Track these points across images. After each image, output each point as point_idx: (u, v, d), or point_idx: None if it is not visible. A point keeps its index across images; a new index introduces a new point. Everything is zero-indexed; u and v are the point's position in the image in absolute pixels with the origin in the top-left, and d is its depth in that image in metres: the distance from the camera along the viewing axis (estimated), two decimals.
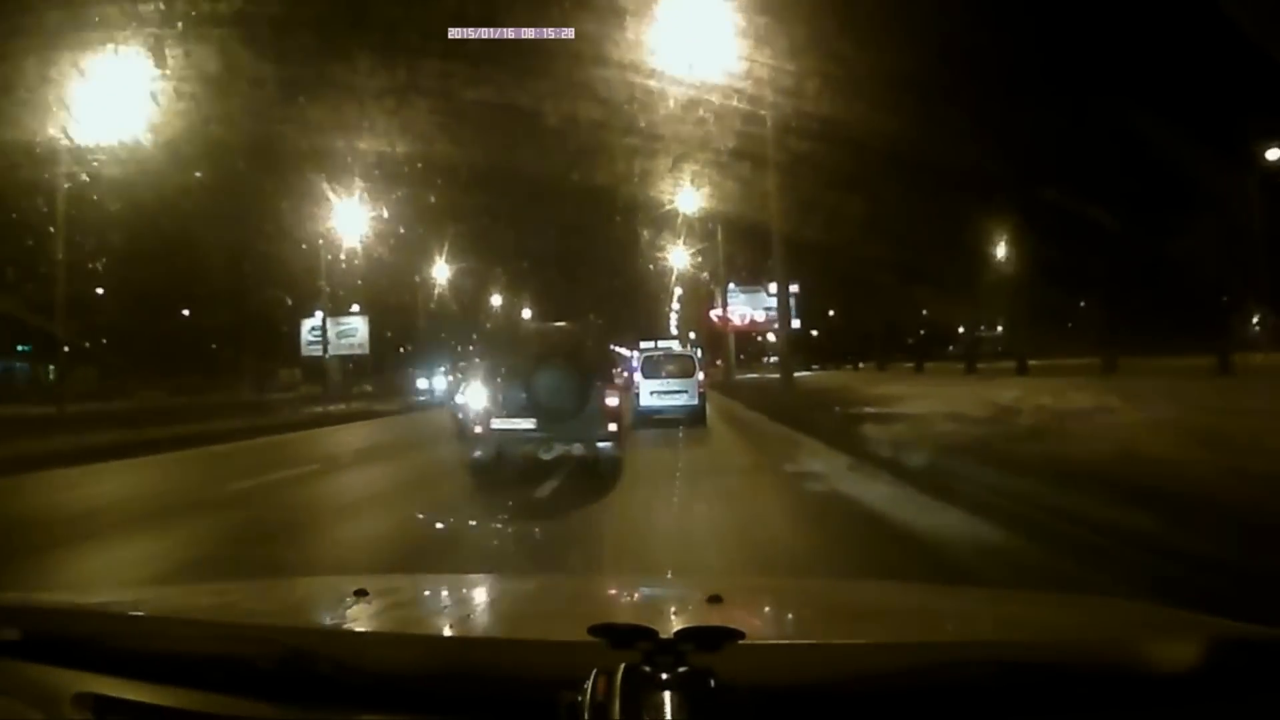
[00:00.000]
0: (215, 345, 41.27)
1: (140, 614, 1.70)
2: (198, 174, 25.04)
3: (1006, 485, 6.79)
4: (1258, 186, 24.94)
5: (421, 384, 36.89)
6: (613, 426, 9.56)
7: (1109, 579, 4.46)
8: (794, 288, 30.28)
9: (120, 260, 29.72)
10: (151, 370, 35.30)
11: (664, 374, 18.10)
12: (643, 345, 21.75)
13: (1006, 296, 33.65)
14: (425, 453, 13.57)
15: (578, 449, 9.67)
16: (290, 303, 37.33)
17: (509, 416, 9.52)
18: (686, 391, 17.85)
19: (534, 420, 9.42)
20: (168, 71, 15.95)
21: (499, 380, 9.85)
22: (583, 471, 9.33)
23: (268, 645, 1.35)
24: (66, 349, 33.07)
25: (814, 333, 54.26)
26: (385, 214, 34.11)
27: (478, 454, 9.63)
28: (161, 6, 14.84)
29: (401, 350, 50.12)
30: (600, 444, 9.51)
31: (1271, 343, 28.78)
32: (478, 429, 9.64)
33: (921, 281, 33.16)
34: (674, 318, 72.09)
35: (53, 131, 18.03)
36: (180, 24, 15.08)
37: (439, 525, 6.89)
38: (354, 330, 39.70)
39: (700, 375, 18.42)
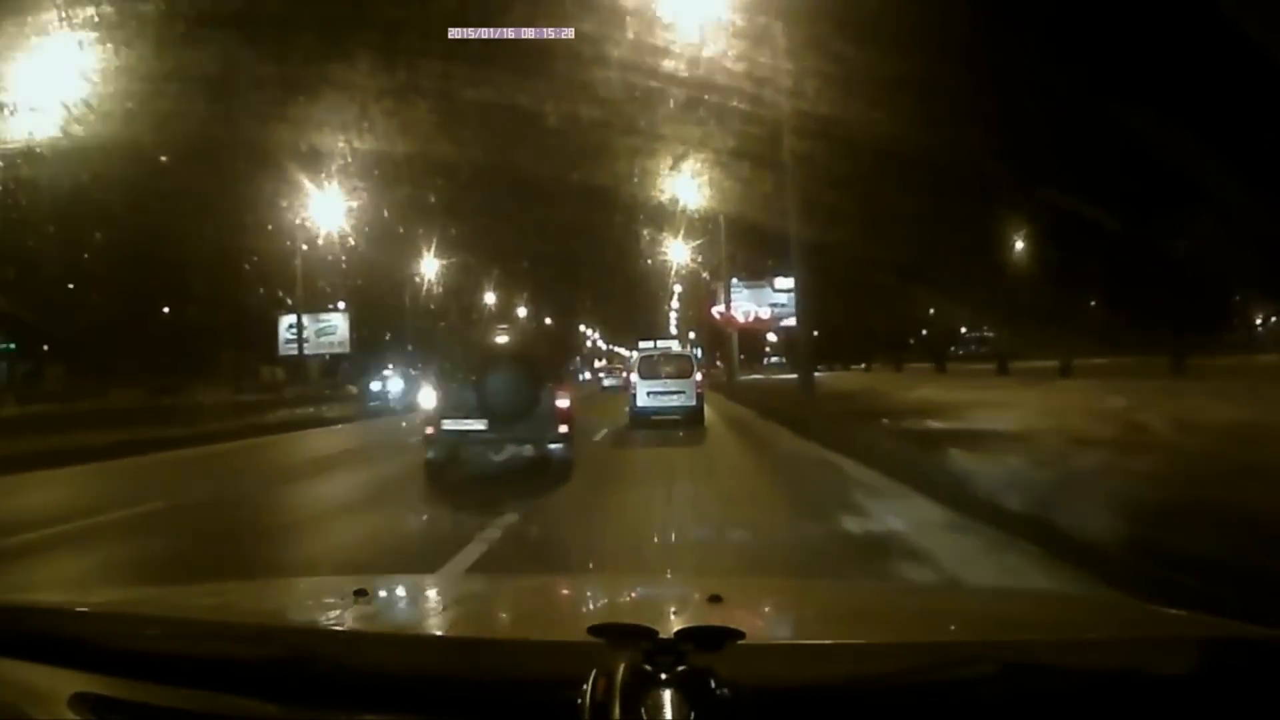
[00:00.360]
0: (200, 342, 40.73)
1: (139, 614, 1.69)
2: (163, 158, 24.39)
3: None
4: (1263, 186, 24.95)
5: (375, 386, 31.22)
6: (564, 428, 9.63)
7: None
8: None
9: (99, 256, 29.52)
10: (134, 368, 33.94)
11: (662, 374, 18.19)
12: (641, 345, 21.71)
13: (1017, 296, 33.50)
14: (337, 483, 10.48)
15: (529, 450, 9.78)
16: (290, 301, 37.06)
17: (460, 417, 9.54)
18: (684, 392, 17.93)
19: (485, 421, 9.45)
20: (162, 67, 15.92)
21: (451, 381, 9.89)
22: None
23: (267, 645, 1.35)
24: (46, 347, 32.82)
25: (815, 333, 53.77)
26: (386, 213, 34.06)
27: (431, 455, 9.65)
28: (160, 3, 14.83)
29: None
30: (551, 445, 9.61)
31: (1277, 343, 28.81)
32: (429, 429, 9.68)
33: (926, 281, 33.10)
34: (674, 316, 72.02)
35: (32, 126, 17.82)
36: (179, 22, 15.07)
37: None
38: (333, 328, 38.64)
39: (698, 376, 18.53)
